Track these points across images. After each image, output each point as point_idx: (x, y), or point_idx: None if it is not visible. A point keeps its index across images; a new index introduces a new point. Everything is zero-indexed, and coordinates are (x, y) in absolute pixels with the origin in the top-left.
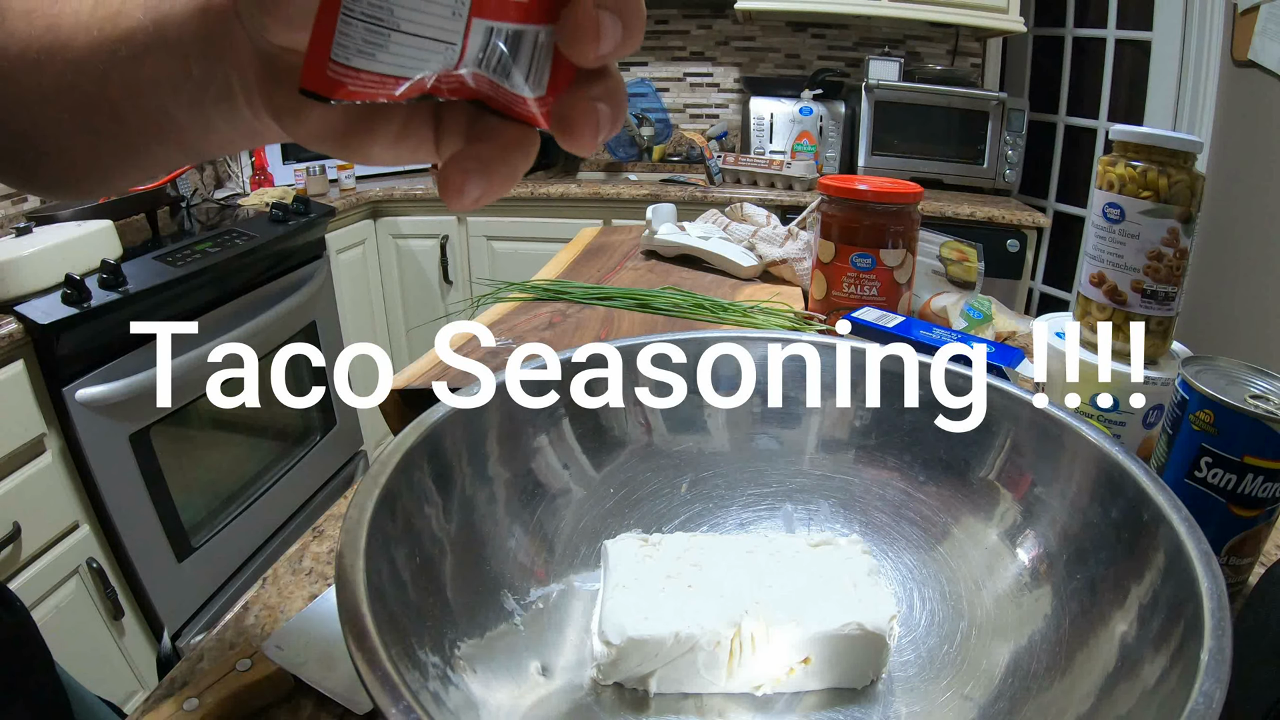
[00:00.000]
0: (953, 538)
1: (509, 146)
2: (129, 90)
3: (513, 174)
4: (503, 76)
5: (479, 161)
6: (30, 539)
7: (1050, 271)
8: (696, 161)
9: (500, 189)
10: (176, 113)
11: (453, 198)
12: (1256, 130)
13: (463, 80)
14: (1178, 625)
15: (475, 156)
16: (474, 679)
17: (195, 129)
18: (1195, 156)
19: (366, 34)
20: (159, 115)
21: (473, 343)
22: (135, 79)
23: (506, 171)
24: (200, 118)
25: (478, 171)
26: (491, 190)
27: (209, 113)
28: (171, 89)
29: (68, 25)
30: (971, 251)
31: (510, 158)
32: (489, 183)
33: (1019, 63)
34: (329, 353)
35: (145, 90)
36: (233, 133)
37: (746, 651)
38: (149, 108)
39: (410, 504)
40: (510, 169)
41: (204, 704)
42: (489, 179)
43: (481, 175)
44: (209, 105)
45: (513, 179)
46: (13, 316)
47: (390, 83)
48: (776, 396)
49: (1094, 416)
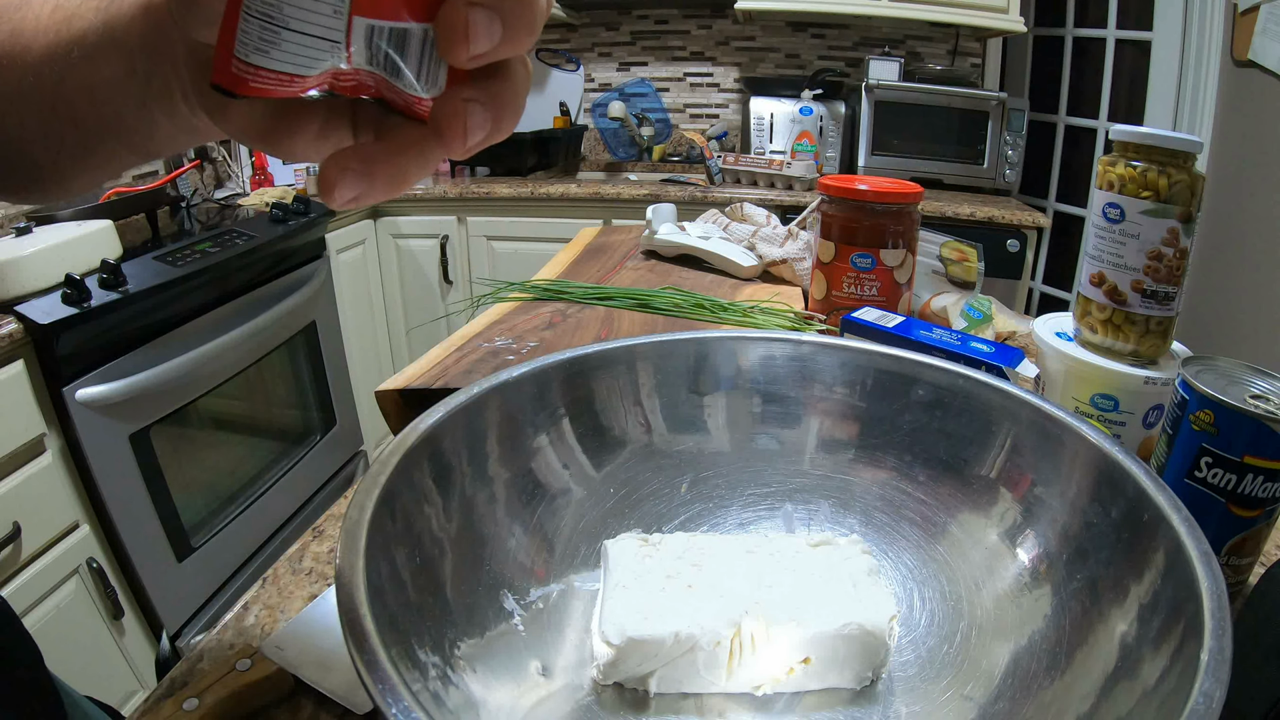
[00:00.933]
0: (952, 538)
1: (401, 148)
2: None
3: (400, 176)
4: (394, 75)
5: (361, 161)
6: (30, 539)
7: (1050, 271)
8: (696, 161)
9: (384, 190)
10: (125, 112)
11: (325, 194)
12: (1256, 130)
13: (358, 78)
14: (1178, 625)
15: (359, 155)
16: (474, 679)
17: (142, 127)
18: (1195, 156)
19: (262, 32)
20: (111, 115)
21: (473, 342)
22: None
23: (392, 174)
24: (146, 116)
25: (357, 171)
26: (372, 191)
27: (153, 110)
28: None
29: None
30: (971, 251)
31: (399, 160)
32: (369, 183)
33: (1019, 63)
34: (329, 353)
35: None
36: (174, 130)
37: (746, 651)
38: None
39: (410, 504)
40: (397, 171)
41: (204, 704)
42: (370, 179)
43: (361, 175)
44: (152, 103)
45: (400, 182)
46: (13, 316)
47: (287, 80)
48: (776, 396)
49: (1094, 416)
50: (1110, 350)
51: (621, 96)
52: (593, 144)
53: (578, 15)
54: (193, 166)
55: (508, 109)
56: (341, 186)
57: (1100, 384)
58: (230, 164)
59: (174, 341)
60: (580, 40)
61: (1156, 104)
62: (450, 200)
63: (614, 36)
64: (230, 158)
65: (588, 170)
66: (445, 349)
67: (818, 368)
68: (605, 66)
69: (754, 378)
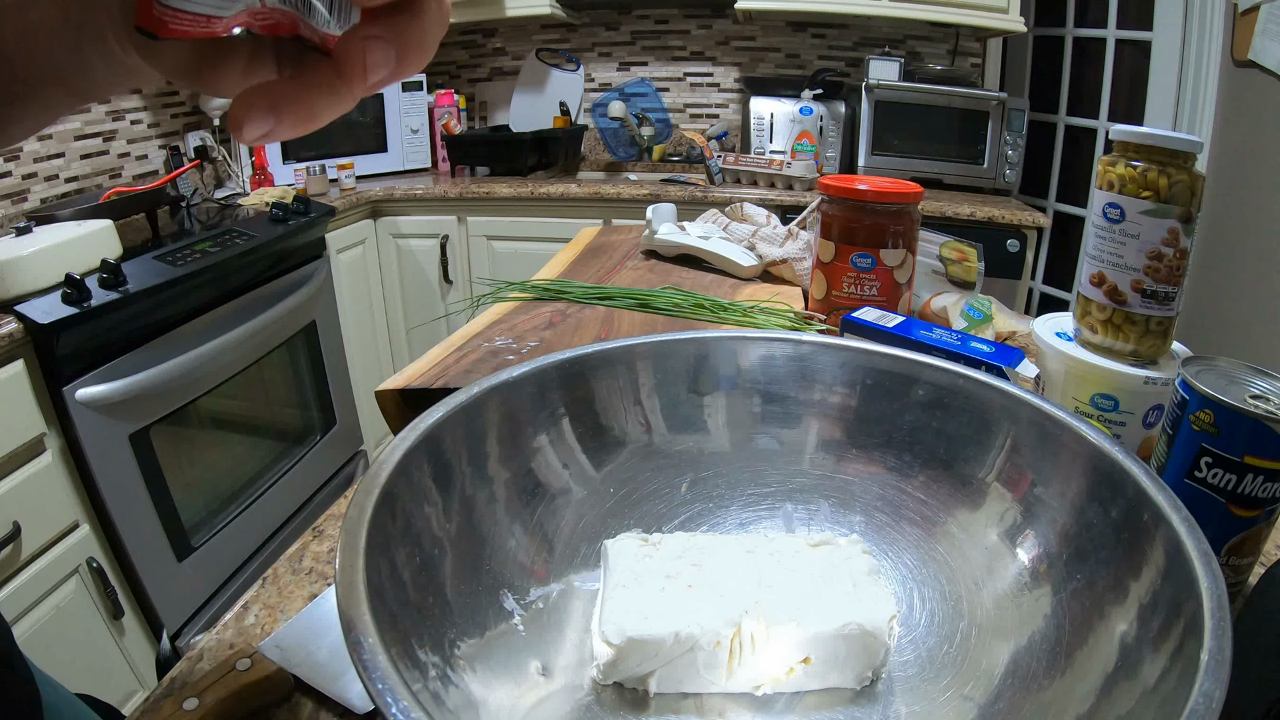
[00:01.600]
0: (953, 538)
1: (309, 85)
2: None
3: (308, 113)
4: (307, 12)
5: (269, 97)
6: (30, 539)
7: (1050, 271)
8: (696, 161)
9: (291, 126)
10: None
11: (234, 129)
12: (1256, 130)
13: (274, 17)
14: (1178, 625)
15: (267, 92)
16: (474, 679)
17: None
18: (1195, 156)
19: None
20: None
21: (473, 342)
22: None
23: (301, 111)
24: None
25: (263, 107)
26: (280, 127)
27: (87, 54)
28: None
29: None
30: (971, 251)
31: (307, 97)
32: (277, 119)
33: (1019, 63)
34: (329, 352)
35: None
36: (110, 72)
37: (746, 651)
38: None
39: (410, 504)
40: (306, 108)
41: (204, 704)
42: (277, 115)
43: (268, 110)
44: (86, 46)
45: (309, 118)
46: (13, 316)
47: (204, 20)
48: (776, 396)
49: (1094, 416)
50: (1110, 350)
51: (621, 96)
52: (593, 144)
53: (578, 15)
54: (193, 166)
55: (412, 47)
56: (249, 123)
57: (1100, 384)
58: (230, 164)
59: (174, 341)
60: (580, 40)
61: (1156, 104)
62: (450, 200)
63: (614, 36)
64: (230, 158)
65: (588, 170)
66: (445, 349)
67: (818, 368)
68: (605, 66)
69: (754, 378)
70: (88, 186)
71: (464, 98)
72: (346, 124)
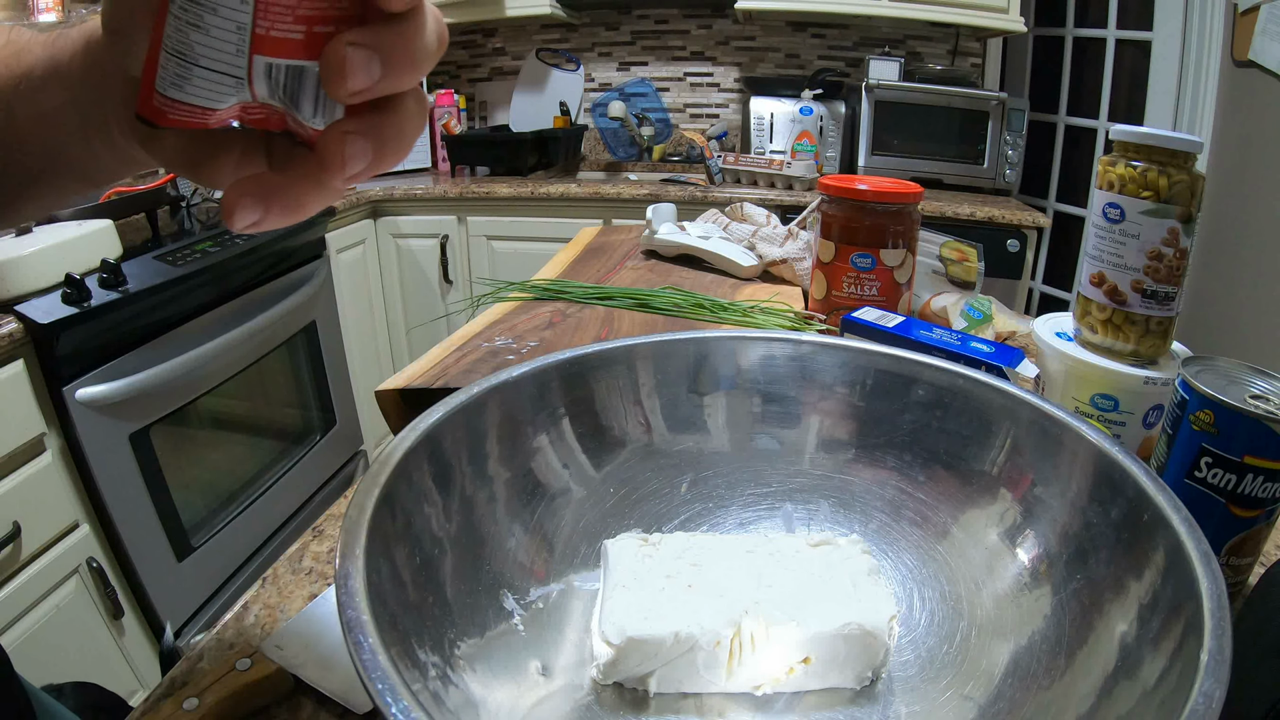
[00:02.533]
0: (952, 538)
1: (297, 177)
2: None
3: (295, 203)
4: (294, 108)
5: (259, 187)
6: (30, 539)
7: (1050, 271)
8: (696, 161)
9: (279, 216)
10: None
11: (226, 218)
12: (1256, 130)
13: (264, 112)
14: (1178, 625)
15: (257, 182)
16: (474, 679)
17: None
18: (1195, 156)
19: (177, 68)
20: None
21: (473, 342)
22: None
23: (288, 201)
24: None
25: (254, 196)
26: (269, 216)
27: (93, 141)
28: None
29: None
30: (971, 251)
31: (295, 188)
32: (265, 208)
33: (1019, 63)
34: (329, 352)
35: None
36: (113, 160)
37: (746, 651)
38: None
39: (410, 504)
40: (293, 200)
41: (204, 703)
42: (266, 204)
43: (258, 200)
44: (92, 133)
45: (296, 208)
46: (13, 316)
47: (200, 111)
48: (776, 396)
49: (1094, 416)
50: (1110, 350)
51: (621, 96)
52: (593, 144)
53: (578, 15)
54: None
55: (390, 141)
56: (240, 210)
57: (1100, 384)
58: None
59: (174, 341)
60: (580, 40)
61: (1156, 104)
62: (450, 200)
63: (614, 36)
64: None
65: (588, 170)
66: (445, 349)
67: (818, 368)
68: (605, 66)
69: (754, 378)
70: None
71: (464, 98)
72: None
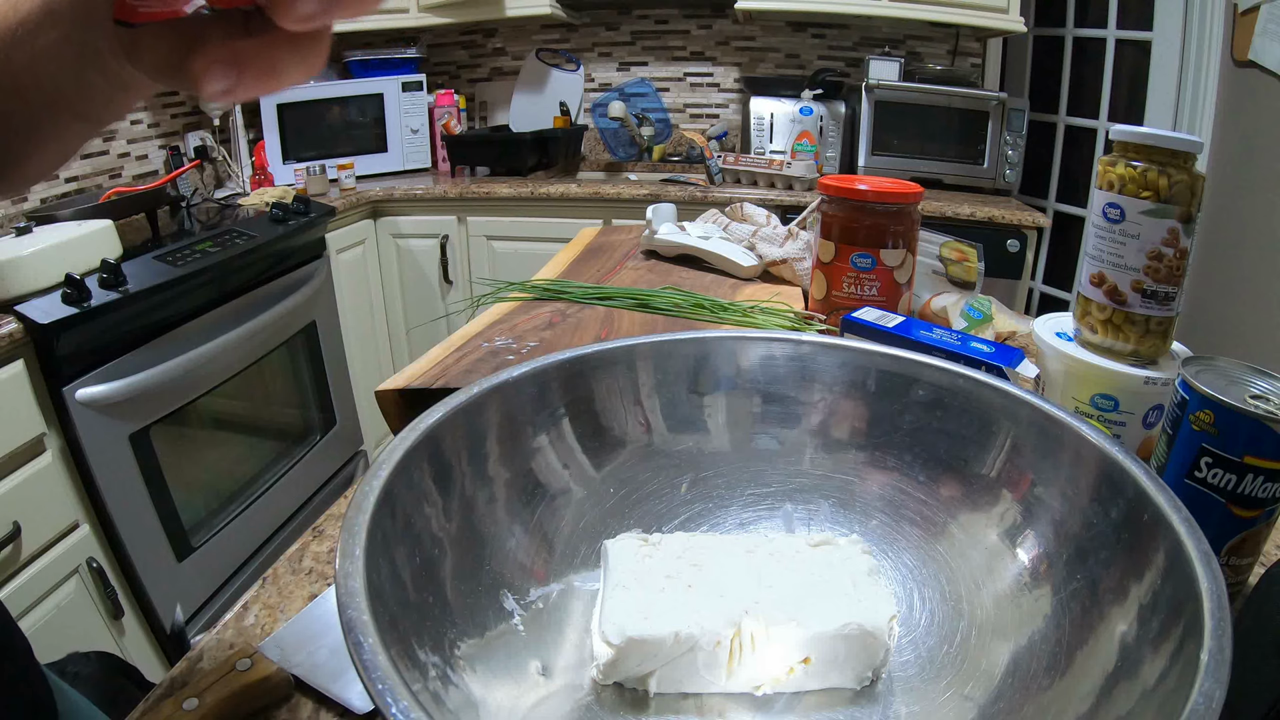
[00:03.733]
0: (952, 538)
1: (273, 42)
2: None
3: (269, 70)
4: None
5: (230, 53)
6: (30, 539)
7: (1050, 271)
8: (696, 161)
9: (255, 83)
10: (64, 78)
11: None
12: (1256, 130)
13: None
14: (1178, 625)
15: (227, 48)
16: (474, 679)
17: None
18: (1195, 156)
19: None
20: (51, 86)
21: (473, 342)
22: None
23: (263, 66)
24: (83, 81)
25: (225, 62)
26: (242, 85)
27: (88, 71)
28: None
29: None
30: (971, 251)
31: (270, 53)
32: (238, 75)
33: (1019, 63)
34: (329, 352)
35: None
36: (108, 87)
37: (746, 651)
38: (43, 80)
39: (410, 504)
40: (268, 64)
41: (204, 704)
42: (238, 70)
43: (229, 65)
44: (86, 64)
45: (272, 76)
46: (13, 316)
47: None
48: (776, 396)
49: (1094, 416)
50: (1110, 350)
51: (621, 96)
52: (593, 144)
53: (578, 15)
54: (193, 166)
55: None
56: (209, 76)
57: (1100, 384)
58: (230, 164)
59: (174, 341)
60: (580, 40)
61: (1156, 104)
62: (450, 200)
63: (614, 36)
64: (230, 157)
65: (588, 170)
66: (445, 349)
67: (818, 368)
68: (605, 66)
69: (754, 378)
70: (88, 186)
71: (464, 98)
72: (346, 124)
